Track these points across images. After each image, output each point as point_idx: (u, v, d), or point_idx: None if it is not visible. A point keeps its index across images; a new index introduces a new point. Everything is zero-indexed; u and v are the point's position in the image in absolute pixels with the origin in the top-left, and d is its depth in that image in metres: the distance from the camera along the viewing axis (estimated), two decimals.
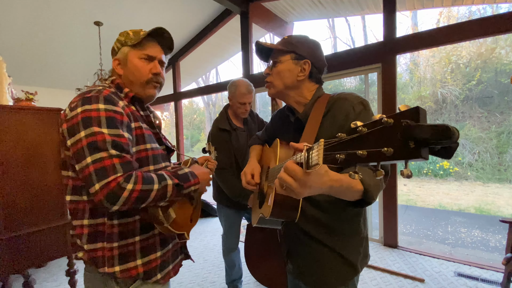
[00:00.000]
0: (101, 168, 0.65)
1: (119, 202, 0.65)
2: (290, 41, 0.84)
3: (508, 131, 7.86)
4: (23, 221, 1.66)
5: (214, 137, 1.72)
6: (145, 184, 0.69)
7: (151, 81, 0.87)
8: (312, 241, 0.85)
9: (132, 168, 0.70)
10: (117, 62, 0.87)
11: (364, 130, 0.37)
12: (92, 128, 0.68)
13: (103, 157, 0.66)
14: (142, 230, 0.80)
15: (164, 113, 10.88)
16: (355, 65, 2.97)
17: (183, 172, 0.81)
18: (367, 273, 2.33)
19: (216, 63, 6.74)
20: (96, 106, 0.70)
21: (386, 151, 0.33)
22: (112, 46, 0.89)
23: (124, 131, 0.73)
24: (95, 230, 0.76)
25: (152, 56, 0.87)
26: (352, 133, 0.39)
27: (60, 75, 4.77)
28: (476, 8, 9.20)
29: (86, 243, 0.75)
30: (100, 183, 0.64)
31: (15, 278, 2.25)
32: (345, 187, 0.60)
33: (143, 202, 0.69)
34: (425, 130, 0.29)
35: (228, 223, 1.88)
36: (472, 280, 2.15)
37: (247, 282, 2.25)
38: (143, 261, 0.79)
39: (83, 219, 0.76)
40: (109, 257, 0.75)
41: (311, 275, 0.87)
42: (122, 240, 0.76)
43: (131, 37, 0.86)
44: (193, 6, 4.20)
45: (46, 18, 3.57)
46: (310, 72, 0.83)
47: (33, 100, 2.03)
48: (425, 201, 6.34)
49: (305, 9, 4.28)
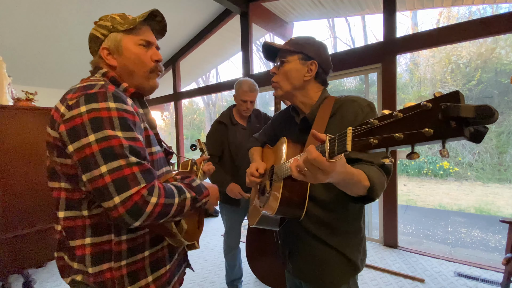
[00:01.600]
0: (121, 178, 0.56)
1: (142, 217, 0.57)
2: (297, 42, 0.85)
3: (508, 131, 7.86)
4: (23, 221, 1.66)
5: (211, 127, 1.83)
6: (168, 197, 0.61)
7: (155, 69, 0.78)
8: (314, 240, 0.85)
9: (153, 177, 0.62)
10: (107, 51, 0.73)
11: (399, 115, 0.38)
12: (105, 131, 0.57)
13: (122, 165, 0.57)
14: (152, 244, 0.73)
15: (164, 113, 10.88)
16: (355, 65, 2.97)
17: (196, 184, 0.74)
18: (367, 273, 2.33)
19: (216, 63, 6.74)
20: (105, 105, 0.60)
21: (426, 131, 0.34)
22: (92, 34, 0.75)
23: (138, 134, 0.64)
24: (101, 250, 0.65)
25: (150, 41, 0.77)
26: (386, 119, 0.40)
27: (60, 75, 4.78)
28: (476, 8, 9.20)
29: (91, 265, 0.65)
30: (121, 196, 0.55)
31: (15, 278, 2.25)
32: (355, 181, 0.61)
33: (163, 217, 0.61)
34: (469, 109, 0.30)
35: (230, 222, 1.90)
36: (472, 280, 2.15)
37: (247, 282, 2.25)
38: (153, 277, 0.72)
39: (84, 238, 0.65)
40: (119, 278, 0.66)
41: (312, 274, 0.87)
42: (131, 257, 0.68)
43: (120, 21, 0.74)
44: (193, 6, 4.20)
45: (46, 18, 3.57)
46: (316, 72, 0.85)
47: (33, 100, 2.03)
48: (425, 201, 6.34)
49: (305, 9, 4.28)
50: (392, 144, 0.39)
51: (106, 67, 0.74)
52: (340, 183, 0.61)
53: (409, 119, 0.37)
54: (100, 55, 0.74)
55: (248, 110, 1.79)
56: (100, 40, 0.74)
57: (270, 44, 0.88)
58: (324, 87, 0.90)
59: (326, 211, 0.83)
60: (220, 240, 3.22)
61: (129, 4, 3.72)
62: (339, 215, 0.83)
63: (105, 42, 0.73)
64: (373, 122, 0.42)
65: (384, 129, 0.41)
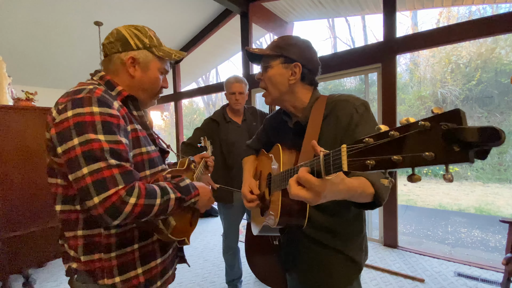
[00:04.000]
0: (100, 180, 0.60)
1: (120, 217, 0.61)
2: (278, 45, 0.82)
3: (508, 131, 7.86)
4: (23, 221, 1.66)
5: (203, 123, 1.84)
6: (148, 198, 0.65)
7: (159, 92, 0.87)
8: (317, 246, 0.84)
9: (134, 179, 0.65)
10: (133, 61, 0.78)
11: (396, 135, 0.36)
12: (87, 135, 0.61)
13: (102, 168, 0.60)
14: (141, 238, 0.76)
15: (164, 113, 10.88)
16: (355, 65, 2.97)
17: (185, 184, 0.77)
18: (367, 273, 2.33)
19: (216, 63, 6.74)
20: (89, 110, 0.63)
21: (427, 155, 0.32)
22: (123, 34, 0.78)
23: (121, 137, 0.67)
24: (92, 241, 0.71)
25: (167, 71, 0.87)
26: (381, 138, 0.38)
27: (60, 75, 4.77)
28: (476, 8, 9.20)
29: (82, 254, 0.71)
30: (100, 197, 0.59)
31: (15, 278, 2.25)
32: (359, 193, 0.59)
33: (144, 217, 0.65)
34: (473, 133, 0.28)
35: (228, 222, 1.89)
36: (472, 280, 2.15)
37: (247, 282, 2.25)
38: (143, 269, 0.76)
39: (77, 230, 0.71)
40: (108, 268, 0.71)
41: (318, 279, 0.86)
42: (120, 249, 0.72)
43: (156, 45, 0.81)
44: (193, 6, 4.20)
45: (46, 18, 3.57)
46: (302, 74, 0.82)
47: (33, 100, 2.03)
48: (425, 201, 6.34)
49: (305, 9, 4.28)
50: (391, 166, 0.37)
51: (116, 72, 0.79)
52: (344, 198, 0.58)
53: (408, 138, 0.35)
54: (123, 59, 0.78)
55: (238, 102, 1.78)
56: (130, 47, 0.78)
57: (251, 51, 0.85)
58: (314, 87, 0.87)
59: (329, 216, 0.82)
60: (220, 240, 3.22)
61: (129, 5, 3.72)
62: (342, 219, 0.82)
63: (136, 53, 0.78)
64: (368, 141, 0.40)
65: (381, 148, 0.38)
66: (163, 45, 0.85)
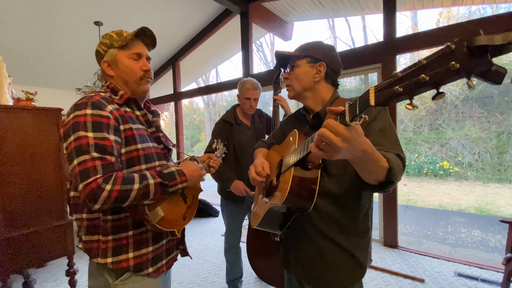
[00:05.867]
0: (85, 170, 0.71)
1: (99, 201, 0.70)
2: (305, 47, 0.90)
3: (508, 131, 7.86)
4: (23, 221, 1.66)
5: (216, 126, 1.82)
6: (125, 184, 0.73)
7: (144, 77, 0.92)
8: (322, 239, 0.84)
9: (112, 170, 0.74)
10: (107, 64, 0.91)
11: (423, 62, 0.39)
12: (78, 132, 0.74)
13: (86, 160, 0.72)
14: (135, 226, 0.85)
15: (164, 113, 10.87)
16: (355, 65, 2.97)
17: (168, 171, 0.84)
18: (367, 273, 2.33)
19: (216, 63, 6.74)
20: (84, 112, 0.76)
21: (452, 65, 0.34)
22: (96, 49, 0.93)
23: (110, 134, 0.78)
24: (93, 224, 0.83)
25: (140, 53, 0.92)
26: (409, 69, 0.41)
27: (60, 75, 4.78)
28: (476, 8, 9.20)
29: (84, 234, 0.84)
30: (83, 184, 0.70)
31: (15, 278, 2.25)
32: (375, 157, 0.61)
33: (123, 201, 0.73)
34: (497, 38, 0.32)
35: (231, 219, 1.89)
36: (472, 280, 2.16)
37: (247, 282, 2.25)
38: (134, 254, 0.84)
39: (82, 213, 0.84)
40: (103, 249, 0.81)
41: (319, 276, 0.85)
42: (116, 234, 0.82)
43: (116, 39, 0.90)
44: (193, 6, 4.20)
45: (46, 18, 3.57)
46: (326, 73, 0.88)
47: (33, 100, 2.03)
48: (425, 201, 6.34)
49: (305, 9, 4.28)
50: (417, 87, 0.39)
51: (106, 77, 0.93)
52: (361, 157, 0.59)
53: (433, 63, 0.38)
54: (102, 68, 0.92)
55: (252, 108, 1.79)
56: (101, 55, 0.91)
57: (281, 53, 0.94)
58: (335, 88, 0.93)
59: (337, 207, 0.81)
60: (220, 240, 3.22)
61: (129, 5, 3.72)
62: (350, 213, 0.82)
63: (105, 57, 0.91)
64: (397, 74, 0.42)
65: (407, 78, 0.41)
66: (124, 34, 0.91)
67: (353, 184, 0.78)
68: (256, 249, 1.84)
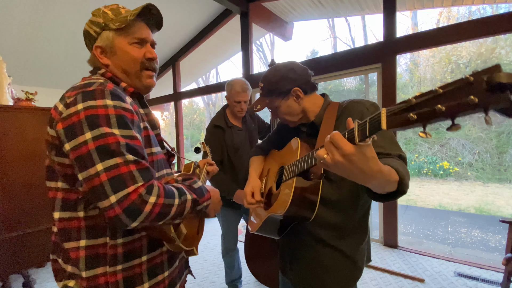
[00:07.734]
0: (117, 177, 0.54)
1: (140, 217, 0.54)
2: (270, 88, 0.86)
3: (508, 131, 7.86)
4: (23, 221, 1.66)
5: (208, 133, 1.75)
6: (167, 197, 0.59)
7: (145, 67, 0.74)
8: (319, 245, 0.84)
9: (152, 176, 0.59)
10: (100, 50, 0.71)
11: (439, 91, 0.37)
12: (101, 128, 0.55)
13: (118, 163, 0.55)
14: (150, 248, 0.69)
15: (164, 113, 10.88)
16: (355, 65, 2.97)
17: (198, 185, 0.71)
18: (367, 273, 2.33)
19: (216, 63, 6.74)
20: (103, 102, 0.58)
21: (471, 99, 0.33)
22: (85, 29, 0.72)
23: (136, 132, 0.62)
24: (95, 253, 0.63)
25: (144, 39, 0.73)
26: (424, 96, 0.39)
27: (60, 75, 4.77)
28: (476, 8, 9.20)
29: (84, 269, 0.62)
30: (117, 195, 0.53)
31: (15, 278, 2.25)
32: (387, 179, 0.56)
33: (162, 219, 0.59)
34: None
35: (227, 223, 1.88)
36: (472, 280, 2.15)
37: (247, 282, 2.25)
38: (150, 283, 0.68)
39: (79, 240, 0.62)
40: (113, 284, 0.63)
41: (315, 281, 0.85)
42: (128, 261, 0.65)
43: (112, 18, 0.70)
44: (193, 6, 4.20)
45: (46, 18, 3.57)
46: (303, 90, 0.86)
47: (33, 100, 2.03)
48: (425, 201, 6.34)
49: (305, 9, 4.28)
50: (433, 117, 0.38)
51: (100, 65, 0.73)
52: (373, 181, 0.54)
53: (450, 94, 0.37)
54: (94, 54, 0.73)
55: (243, 110, 1.72)
56: (93, 37, 0.71)
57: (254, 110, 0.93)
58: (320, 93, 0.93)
59: (335, 212, 0.81)
60: (220, 240, 3.22)
61: (129, 5, 3.72)
62: (347, 216, 0.82)
63: (98, 40, 0.71)
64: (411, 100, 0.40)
65: (422, 106, 0.39)
66: (121, 10, 0.73)
67: (352, 188, 0.79)
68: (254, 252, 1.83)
